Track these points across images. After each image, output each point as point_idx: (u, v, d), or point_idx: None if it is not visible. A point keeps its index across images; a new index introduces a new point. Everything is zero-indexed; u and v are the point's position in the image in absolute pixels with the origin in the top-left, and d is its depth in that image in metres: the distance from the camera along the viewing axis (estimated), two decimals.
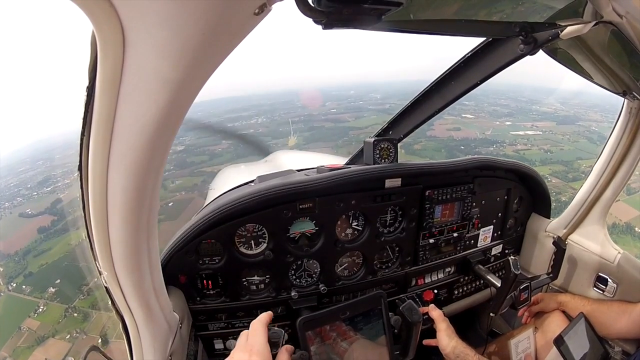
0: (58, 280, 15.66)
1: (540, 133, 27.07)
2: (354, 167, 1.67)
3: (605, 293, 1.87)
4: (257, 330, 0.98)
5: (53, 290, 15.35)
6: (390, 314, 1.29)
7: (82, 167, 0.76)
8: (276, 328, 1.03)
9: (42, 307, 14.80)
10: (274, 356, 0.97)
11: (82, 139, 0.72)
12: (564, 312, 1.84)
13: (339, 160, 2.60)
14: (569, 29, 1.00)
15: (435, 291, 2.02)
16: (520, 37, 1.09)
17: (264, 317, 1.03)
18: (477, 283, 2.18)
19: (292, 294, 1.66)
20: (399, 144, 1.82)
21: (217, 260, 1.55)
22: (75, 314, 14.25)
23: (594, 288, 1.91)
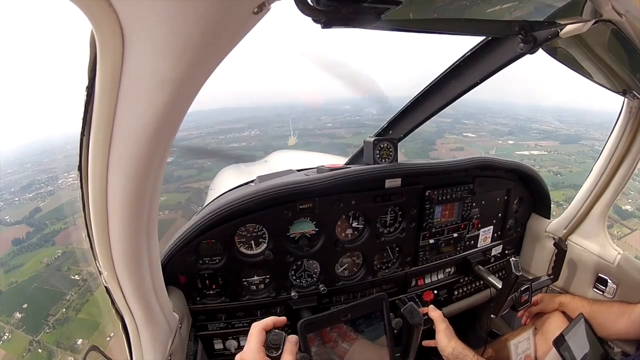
0: (25, 305, 14.15)
1: (546, 153, 26.27)
2: (354, 167, 1.67)
3: (605, 294, 1.86)
4: (250, 336, 0.97)
5: (19, 315, 13.70)
6: (390, 314, 1.29)
7: (82, 167, 0.75)
8: (277, 330, 1.02)
9: (7, 334, 13.17)
10: (277, 358, 0.96)
11: (82, 139, 0.71)
12: (563, 313, 1.84)
13: (339, 160, 2.59)
14: (568, 27, 1.00)
15: (435, 292, 2.02)
16: (520, 36, 1.09)
17: (263, 322, 1.00)
18: (477, 284, 2.17)
19: (292, 294, 1.65)
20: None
21: (217, 261, 1.55)
22: (40, 350, 12.73)
23: (594, 289, 1.91)
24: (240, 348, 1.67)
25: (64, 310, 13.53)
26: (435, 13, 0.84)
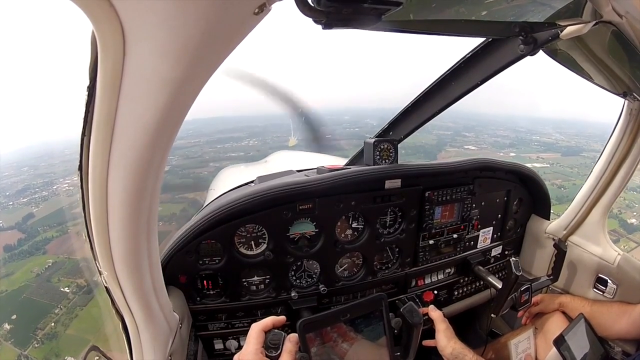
0: (14, 316, 13.60)
1: (548, 166, 25.86)
2: (353, 168, 1.67)
3: (605, 294, 1.87)
4: (249, 337, 0.97)
5: (8, 327, 13.02)
6: (390, 314, 1.29)
7: (82, 167, 0.75)
8: (276, 330, 1.02)
9: None
10: (277, 358, 0.96)
11: (82, 139, 0.71)
12: (564, 313, 1.84)
13: (339, 161, 2.60)
14: (568, 29, 1.00)
15: (435, 292, 2.02)
16: (520, 37, 1.09)
17: (262, 323, 1.00)
18: (477, 284, 2.17)
19: (292, 294, 1.65)
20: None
21: (217, 261, 1.55)
22: None
23: (594, 289, 1.91)
24: (240, 348, 1.67)
25: (52, 324, 13.09)
26: (436, 14, 0.84)
